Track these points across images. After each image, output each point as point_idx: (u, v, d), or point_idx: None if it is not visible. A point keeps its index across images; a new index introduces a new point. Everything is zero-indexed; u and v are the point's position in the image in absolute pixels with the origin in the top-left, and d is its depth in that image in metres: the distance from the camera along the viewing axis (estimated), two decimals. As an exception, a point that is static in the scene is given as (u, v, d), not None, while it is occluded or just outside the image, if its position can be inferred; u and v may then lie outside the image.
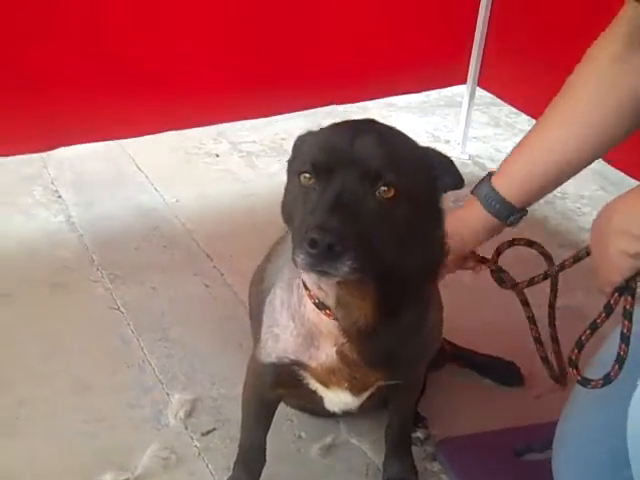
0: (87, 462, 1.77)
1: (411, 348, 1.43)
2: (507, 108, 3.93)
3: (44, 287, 2.41)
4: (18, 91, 2.60)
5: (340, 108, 3.79)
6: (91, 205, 2.91)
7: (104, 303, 2.35)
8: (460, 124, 3.59)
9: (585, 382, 1.36)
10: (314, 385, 1.48)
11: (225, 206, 3.00)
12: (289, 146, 3.38)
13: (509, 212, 1.66)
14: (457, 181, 1.34)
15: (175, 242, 2.71)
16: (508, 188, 1.65)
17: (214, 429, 1.88)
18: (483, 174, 1.69)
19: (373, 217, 1.20)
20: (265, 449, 1.66)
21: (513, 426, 1.90)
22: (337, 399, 1.50)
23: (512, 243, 1.72)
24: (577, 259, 1.57)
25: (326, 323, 1.37)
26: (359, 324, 1.34)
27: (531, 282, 1.69)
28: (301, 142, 1.38)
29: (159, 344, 2.18)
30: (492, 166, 3.46)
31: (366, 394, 1.50)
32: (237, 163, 3.37)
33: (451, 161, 1.34)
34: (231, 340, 2.20)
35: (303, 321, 1.41)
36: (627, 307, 1.30)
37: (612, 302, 1.31)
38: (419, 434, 1.86)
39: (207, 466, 1.78)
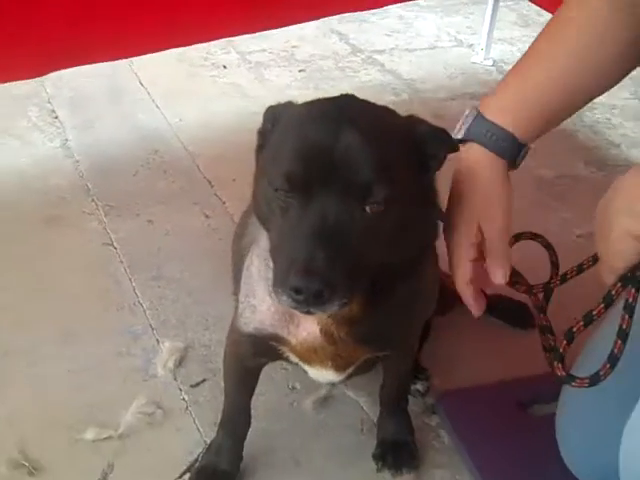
0: (70, 417, 1.69)
1: (404, 321, 1.31)
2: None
3: (37, 221, 2.29)
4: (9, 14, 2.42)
5: (355, 15, 3.58)
6: (89, 127, 2.78)
7: (98, 238, 2.24)
8: (485, 25, 3.35)
9: (569, 379, 1.22)
10: (295, 360, 1.37)
11: (230, 125, 2.84)
12: (301, 55, 3.34)
13: (518, 150, 1.37)
14: (452, 149, 1.19)
15: (175, 167, 2.58)
16: (512, 118, 1.35)
17: (204, 380, 1.79)
18: None
19: (362, 236, 1.05)
20: (249, 413, 1.56)
21: (521, 375, 1.78)
22: (320, 375, 1.39)
23: (518, 238, 1.44)
24: (581, 270, 1.35)
25: None
26: (343, 314, 1.21)
27: (547, 286, 1.40)
28: (273, 118, 1.18)
29: (152, 284, 2.08)
30: (518, 73, 3.24)
31: (351, 369, 1.38)
32: (245, 76, 3.20)
33: (442, 130, 1.17)
34: (229, 277, 2.08)
35: None
36: (630, 300, 1.13)
37: (613, 293, 1.15)
38: (419, 386, 1.75)
39: (194, 421, 1.70)
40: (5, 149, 2.64)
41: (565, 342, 1.23)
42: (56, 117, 2.83)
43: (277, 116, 1.17)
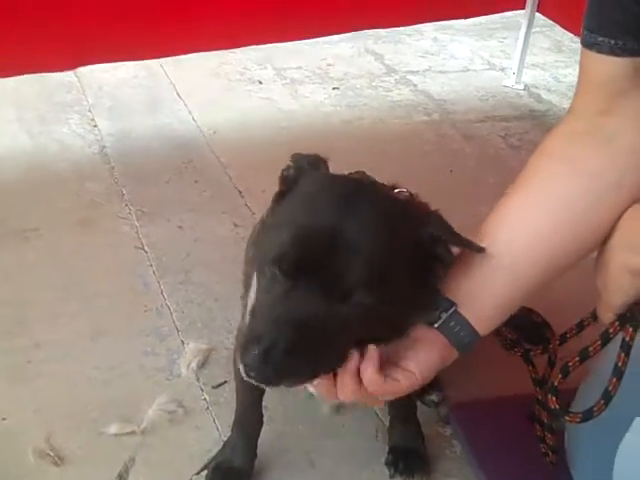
0: (95, 412, 1.75)
1: None
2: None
3: (72, 223, 2.38)
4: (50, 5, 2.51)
5: (389, 31, 3.64)
6: (126, 135, 2.87)
7: (129, 242, 2.32)
8: (517, 49, 3.40)
9: (562, 412, 1.25)
10: None
11: (263, 138, 2.91)
12: (336, 73, 3.41)
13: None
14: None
15: (207, 176, 2.66)
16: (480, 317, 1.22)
17: (225, 382, 1.84)
18: (538, 107, 1.42)
19: (332, 330, 1.08)
20: (261, 412, 1.61)
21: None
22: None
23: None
24: (581, 327, 1.39)
25: None
26: None
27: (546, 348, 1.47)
28: (296, 174, 1.19)
29: (180, 287, 2.14)
30: (548, 97, 3.30)
31: None
32: (280, 91, 3.27)
33: (455, 237, 1.14)
34: (254, 285, 2.14)
35: None
36: (627, 339, 1.16)
37: (611, 331, 1.18)
38: (433, 397, 1.79)
39: (214, 421, 1.75)
40: (45, 153, 2.74)
41: (560, 376, 1.26)
42: (95, 125, 2.92)
43: (298, 175, 1.19)
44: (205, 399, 1.81)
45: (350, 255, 1.05)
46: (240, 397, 1.61)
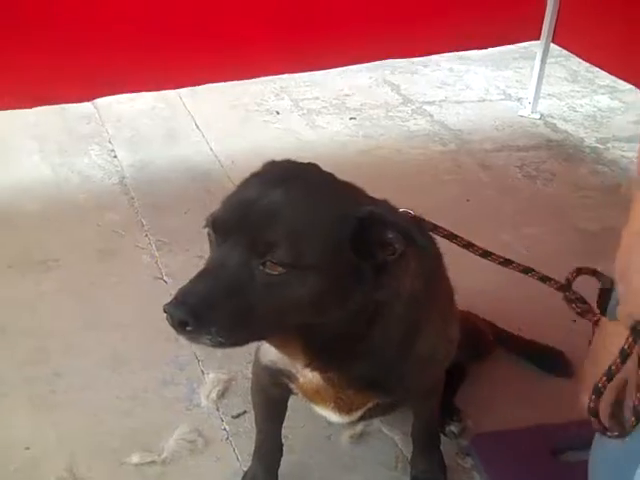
0: (116, 441, 1.77)
1: (398, 374, 1.34)
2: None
3: (92, 253, 2.42)
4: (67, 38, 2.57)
5: (405, 61, 3.67)
6: (146, 166, 2.91)
7: (149, 272, 2.34)
8: (532, 80, 3.42)
9: (604, 431, 1.25)
10: (302, 398, 1.43)
11: None
12: (352, 103, 3.43)
13: None
14: (410, 242, 1.16)
15: (226, 207, 2.67)
16: None
17: (245, 412, 1.85)
18: (555, 136, 1.36)
19: (255, 289, 1.10)
20: (280, 441, 1.62)
21: (555, 422, 1.80)
22: (326, 414, 1.46)
23: (580, 272, 1.40)
24: None
25: None
26: (303, 363, 1.28)
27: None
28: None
29: (199, 317, 2.15)
30: (564, 127, 3.31)
31: (358, 413, 1.44)
32: (297, 121, 3.30)
33: (397, 222, 1.16)
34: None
35: None
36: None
37: (627, 347, 1.16)
38: (453, 428, 1.79)
39: (234, 451, 1.76)
40: (66, 184, 2.77)
41: (594, 396, 1.25)
42: (115, 156, 2.96)
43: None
44: (225, 429, 1.82)
45: (271, 219, 1.11)
46: (260, 427, 1.62)
